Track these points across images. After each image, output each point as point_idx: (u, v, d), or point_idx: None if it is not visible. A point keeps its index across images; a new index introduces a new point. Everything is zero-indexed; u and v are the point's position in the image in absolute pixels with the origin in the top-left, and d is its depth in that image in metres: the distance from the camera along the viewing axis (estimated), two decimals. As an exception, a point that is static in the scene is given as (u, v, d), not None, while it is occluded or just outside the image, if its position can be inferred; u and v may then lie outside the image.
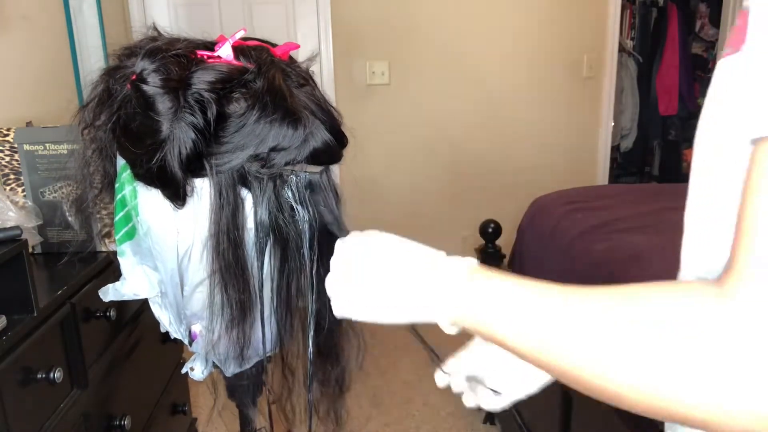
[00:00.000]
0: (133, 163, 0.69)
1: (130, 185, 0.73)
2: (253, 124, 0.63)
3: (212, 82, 0.62)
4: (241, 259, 0.69)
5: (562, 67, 3.03)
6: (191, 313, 0.80)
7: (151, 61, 0.63)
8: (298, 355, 0.79)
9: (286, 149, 0.64)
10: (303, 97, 0.67)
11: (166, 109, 0.62)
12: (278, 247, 0.69)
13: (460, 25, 2.86)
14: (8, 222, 1.05)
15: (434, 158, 2.96)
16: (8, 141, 1.19)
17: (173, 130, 0.62)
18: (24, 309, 0.94)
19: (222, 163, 0.64)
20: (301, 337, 0.77)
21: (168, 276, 0.76)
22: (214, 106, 0.62)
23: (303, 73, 0.71)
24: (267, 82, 0.64)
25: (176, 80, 0.62)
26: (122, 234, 0.79)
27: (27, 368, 0.93)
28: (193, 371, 0.91)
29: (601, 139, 3.19)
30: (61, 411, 1.02)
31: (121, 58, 0.68)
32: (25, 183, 1.20)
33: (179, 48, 0.65)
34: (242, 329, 0.72)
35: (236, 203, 0.67)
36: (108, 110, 0.67)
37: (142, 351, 1.42)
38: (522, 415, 1.80)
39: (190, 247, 0.72)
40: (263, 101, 0.63)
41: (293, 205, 0.68)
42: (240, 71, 0.64)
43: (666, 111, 4.10)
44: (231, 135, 0.63)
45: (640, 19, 4.03)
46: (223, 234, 0.67)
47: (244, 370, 0.91)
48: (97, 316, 1.16)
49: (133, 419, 1.27)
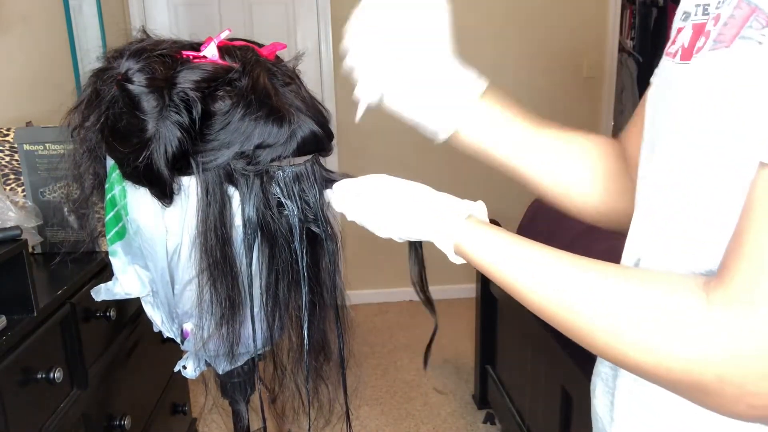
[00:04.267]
0: (121, 162, 0.69)
1: (119, 185, 0.73)
2: (238, 121, 0.64)
3: (197, 81, 0.63)
4: (229, 256, 0.69)
5: (562, 67, 3.03)
6: (182, 311, 0.80)
7: (136, 61, 0.64)
8: (288, 351, 0.79)
9: (272, 146, 0.65)
10: (289, 95, 0.68)
11: (151, 108, 0.62)
12: (266, 244, 0.70)
13: (459, 25, 2.85)
14: (8, 222, 1.05)
15: (434, 158, 2.96)
16: (8, 141, 1.19)
17: (159, 129, 0.63)
18: (24, 309, 0.94)
19: (208, 161, 0.65)
20: (291, 333, 0.77)
21: (158, 275, 0.76)
22: (200, 105, 0.62)
23: (289, 72, 0.71)
24: (252, 80, 0.65)
25: (161, 79, 0.63)
26: (113, 234, 0.79)
27: (27, 368, 0.93)
28: (185, 369, 0.91)
29: (601, 139, 3.19)
30: (61, 411, 1.02)
31: (109, 59, 0.69)
32: (25, 183, 1.20)
33: (164, 48, 0.66)
34: (232, 326, 0.72)
35: (223, 201, 0.67)
36: (96, 111, 0.68)
37: (142, 351, 1.42)
38: (522, 415, 1.80)
39: (178, 245, 0.73)
40: (248, 99, 0.64)
41: (281, 200, 0.69)
42: (225, 70, 0.65)
43: (666, 111, 4.10)
44: (216, 133, 0.64)
45: (640, 19, 4.03)
46: (211, 231, 0.67)
47: (235, 367, 0.91)
48: (96, 316, 1.16)
49: (133, 419, 1.28)
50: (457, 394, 2.30)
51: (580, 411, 1.36)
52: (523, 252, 0.52)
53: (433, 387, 2.34)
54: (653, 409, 0.49)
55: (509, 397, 1.91)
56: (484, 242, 0.55)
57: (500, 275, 0.53)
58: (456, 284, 3.15)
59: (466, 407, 2.22)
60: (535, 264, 0.50)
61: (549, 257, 0.50)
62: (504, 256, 0.53)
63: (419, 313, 3.37)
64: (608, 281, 0.45)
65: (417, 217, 0.60)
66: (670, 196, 0.47)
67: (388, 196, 0.62)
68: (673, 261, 0.47)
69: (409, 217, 0.61)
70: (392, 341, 2.72)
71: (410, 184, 0.63)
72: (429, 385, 2.37)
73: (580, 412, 1.35)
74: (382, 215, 0.62)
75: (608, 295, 0.44)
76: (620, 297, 0.44)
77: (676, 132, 0.46)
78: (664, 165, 0.48)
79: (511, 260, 0.52)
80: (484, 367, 2.13)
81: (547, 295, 0.49)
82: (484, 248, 0.55)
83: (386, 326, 2.87)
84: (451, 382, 2.38)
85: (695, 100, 0.43)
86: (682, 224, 0.46)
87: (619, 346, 0.43)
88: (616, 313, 0.43)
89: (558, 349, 1.42)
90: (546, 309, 0.49)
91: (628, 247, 0.55)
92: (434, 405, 2.24)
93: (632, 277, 0.45)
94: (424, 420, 2.15)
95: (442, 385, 2.37)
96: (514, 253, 0.52)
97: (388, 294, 3.16)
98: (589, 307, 0.45)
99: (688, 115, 0.44)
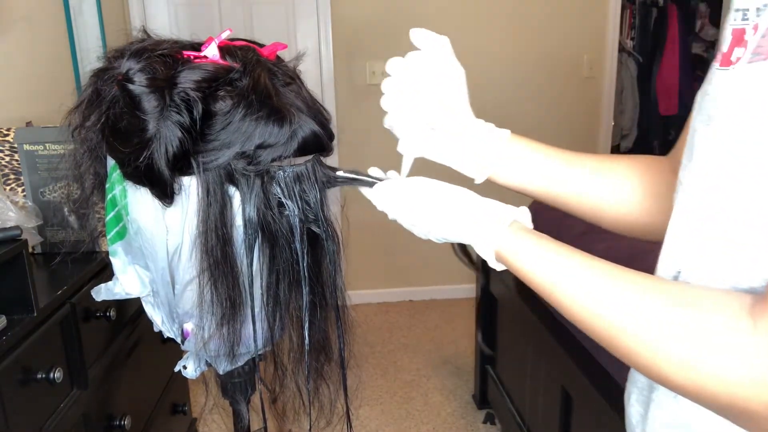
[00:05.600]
0: (121, 162, 0.69)
1: (119, 185, 0.73)
2: (238, 121, 0.64)
3: (198, 81, 0.63)
4: (230, 256, 0.69)
5: (562, 67, 3.03)
6: (183, 311, 0.80)
7: (137, 61, 0.64)
8: (289, 351, 0.79)
9: (273, 146, 0.65)
10: (289, 95, 0.68)
11: (152, 108, 0.62)
12: (267, 244, 0.70)
13: (460, 25, 2.86)
14: (8, 222, 1.05)
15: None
16: (8, 141, 1.19)
17: (160, 129, 0.63)
18: (24, 309, 0.94)
19: (209, 161, 0.65)
20: (292, 333, 0.77)
21: (159, 275, 0.76)
22: (200, 105, 0.62)
23: (290, 72, 0.71)
24: (252, 80, 0.65)
25: (162, 79, 0.63)
26: (113, 234, 0.80)
27: (27, 368, 0.93)
28: (185, 369, 0.91)
29: (601, 139, 3.19)
30: (61, 411, 1.02)
31: (109, 59, 0.69)
32: (25, 183, 1.20)
33: (165, 48, 0.66)
34: (233, 326, 0.72)
35: (224, 201, 0.67)
36: (97, 111, 0.68)
37: (142, 351, 1.42)
38: (522, 415, 1.80)
39: (179, 245, 0.73)
40: (248, 99, 0.64)
41: (282, 200, 0.69)
42: (226, 70, 0.65)
43: (666, 111, 4.10)
44: (217, 133, 0.64)
45: (640, 19, 4.03)
46: (212, 231, 0.67)
47: (235, 367, 0.91)
48: (97, 316, 1.16)
49: (133, 419, 1.28)
50: (457, 394, 2.30)
51: (580, 411, 1.36)
52: (566, 263, 0.51)
53: (433, 387, 2.34)
54: (691, 427, 0.49)
55: (509, 397, 1.91)
56: (525, 251, 0.54)
57: (541, 285, 0.52)
58: (456, 284, 3.15)
59: (466, 407, 2.22)
60: (579, 277, 0.49)
61: (593, 270, 0.49)
62: (546, 267, 0.52)
63: (419, 313, 3.38)
64: (654, 299, 0.45)
65: (458, 221, 0.60)
66: (706, 199, 0.47)
67: (431, 198, 0.63)
68: (711, 265, 0.46)
69: (450, 220, 0.61)
70: (392, 341, 2.72)
71: (454, 188, 0.63)
72: (429, 385, 2.37)
73: (580, 412, 1.35)
74: (423, 217, 0.63)
75: (654, 315, 0.44)
76: (666, 317, 0.43)
77: (712, 138, 0.46)
78: (701, 170, 0.48)
79: (554, 271, 0.51)
80: (484, 367, 2.13)
81: (589, 310, 0.48)
82: (525, 257, 0.54)
83: (386, 326, 2.87)
84: (451, 382, 2.38)
85: (733, 110, 0.43)
86: (719, 225, 0.45)
87: (664, 365, 0.43)
88: (661, 333, 0.43)
89: (558, 349, 1.42)
90: (587, 323, 0.48)
91: (664, 254, 0.54)
92: (434, 405, 2.24)
93: (678, 295, 0.45)
94: (424, 420, 2.15)
95: (442, 385, 2.37)
96: (557, 264, 0.52)
97: (388, 294, 3.16)
98: (633, 325, 0.45)
99: (725, 123, 0.44)
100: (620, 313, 0.46)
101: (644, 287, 0.46)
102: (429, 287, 3.20)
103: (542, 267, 0.52)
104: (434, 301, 3.15)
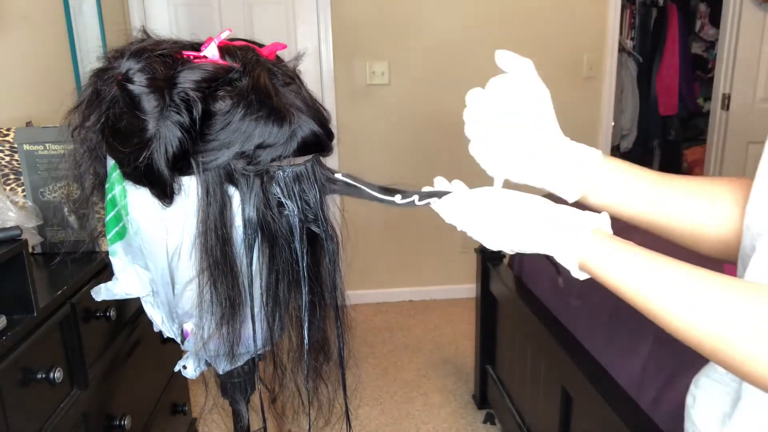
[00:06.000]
0: (121, 162, 0.70)
1: (119, 185, 0.73)
2: (238, 121, 0.64)
3: (198, 81, 0.63)
4: (229, 256, 0.69)
5: (562, 67, 3.03)
6: (183, 311, 0.81)
7: (137, 61, 0.64)
8: (288, 350, 0.79)
9: (272, 146, 0.65)
10: (289, 95, 0.68)
11: (152, 108, 0.63)
12: (267, 244, 0.70)
13: (460, 25, 2.86)
14: (8, 222, 1.05)
15: (434, 158, 2.96)
16: (8, 141, 1.19)
17: (159, 129, 0.63)
18: (24, 309, 0.94)
19: (208, 161, 0.65)
20: (291, 333, 0.77)
21: (159, 275, 0.76)
22: (200, 105, 0.62)
23: (289, 72, 0.71)
24: (252, 80, 0.65)
25: (162, 79, 0.63)
26: (113, 234, 0.80)
27: (27, 368, 0.93)
28: (185, 369, 0.91)
29: (601, 139, 3.19)
30: (61, 411, 1.02)
31: (109, 59, 0.69)
32: (25, 183, 1.20)
33: (165, 48, 0.66)
34: (232, 326, 0.72)
35: (223, 201, 0.67)
36: (97, 111, 0.68)
37: (142, 351, 1.43)
38: (522, 415, 1.80)
39: (179, 245, 0.73)
40: (248, 99, 0.64)
41: (282, 200, 0.69)
42: (225, 70, 0.65)
43: (666, 111, 4.10)
44: (217, 133, 0.64)
45: (640, 19, 4.03)
46: (211, 231, 0.68)
47: (235, 367, 0.91)
48: (97, 316, 1.16)
49: (133, 419, 1.28)
50: (457, 394, 2.30)
51: (580, 411, 1.36)
52: (659, 270, 0.50)
53: (433, 387, 2.34)
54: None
55: (509, 397, 1.91)
56: (614, 259, 0.53)
57: (633, 294, 0.51)
58: (456, 284, 3.15)
59: (466, 407, 2.22)
60: (673, 285, 0.49)
61: (687, 277, 0.49)
62: (637, 275, 0.51)
63: (419, 313, 3.38)
64: (753, 304, 0.44)
65: (537, 232, 0.59)
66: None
67: (505, 210, 0.61)
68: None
69: (528, 231, 0.59)
70: (392, 341, 2.72)
71: (527, 197, 0.62)
72: (429, 385, 2.37)
73: (580, 412, 1.35)
74: (496, 229, 0.61)
75: (753, 322, 0.44)
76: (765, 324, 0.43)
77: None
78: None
79: (647, 280, 0.50)
80: (484, 367, 2.13)
81: (686, 318, 0.47)
82: (614, 266, 0.53)
83: (386, 326, 2.87)
84: (451, 382, 2.38)
85: None
86: None
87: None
88: (761, 340, 0.43)
89: (558, 349, 1.42)
90: (683, 330, 0.48)
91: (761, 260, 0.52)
92: (434, 405, 2.24)
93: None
94: (424, 420, 2.15)
95: (442, 385, 2.37)
96: (649, 272, 0.51)
97: (388, 294, 3.16)
98: (743, 336, 0.44)
99: None
100: (725, 323, 0.45)
101: (742, 292, 0.45)
102: (429, 287, 3.19)
103: (634, 276, 0.51)
104: (434, 301, 3.15)
